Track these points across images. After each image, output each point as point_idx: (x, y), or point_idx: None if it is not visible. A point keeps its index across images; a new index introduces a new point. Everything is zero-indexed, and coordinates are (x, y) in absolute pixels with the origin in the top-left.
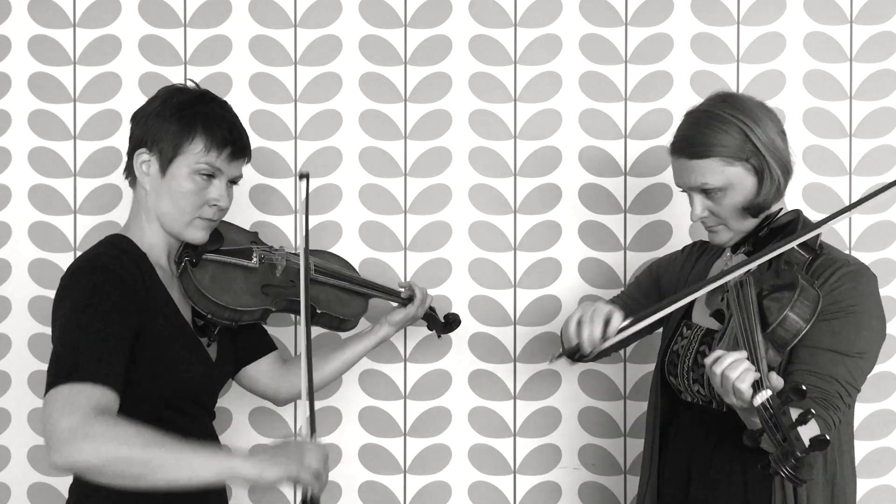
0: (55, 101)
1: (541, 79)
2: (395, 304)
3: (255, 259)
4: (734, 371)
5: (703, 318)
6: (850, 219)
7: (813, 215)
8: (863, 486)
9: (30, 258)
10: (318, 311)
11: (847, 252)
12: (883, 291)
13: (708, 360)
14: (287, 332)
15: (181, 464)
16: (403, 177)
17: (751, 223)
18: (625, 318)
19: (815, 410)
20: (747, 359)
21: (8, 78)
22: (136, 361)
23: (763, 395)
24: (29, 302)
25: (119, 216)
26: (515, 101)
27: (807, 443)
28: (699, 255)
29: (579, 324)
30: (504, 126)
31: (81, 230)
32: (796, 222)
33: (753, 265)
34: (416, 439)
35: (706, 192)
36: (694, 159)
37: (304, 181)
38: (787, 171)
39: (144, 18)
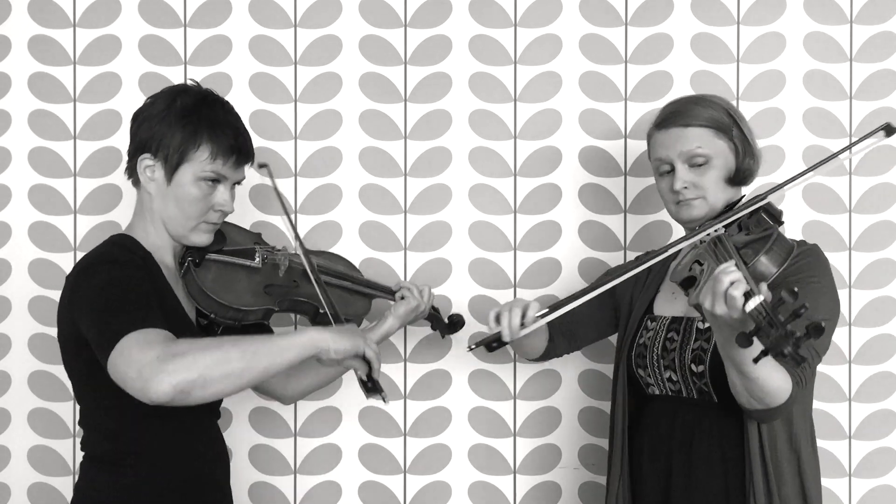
0: (55, 101)
1: (541, 79)
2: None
3: (257, 259)
4: (727, 277)
5: (666, 308)
6: (850, 219)
7: (813, 215)
8: (863, 486)
9: (30, 258)
10: (321, 311)
11: (847, 252)
12: (883, 291)
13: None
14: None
15: (269, 347)
16: (403, 177)
17: (726, 196)
18: (541, 309)
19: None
20: None
21: (8, 78)
22: None
23: (755, 301)
24: (29, 302)
25: (119, 216)
26: (515, 101)
27: (803, 330)
28: None
29: (498, 316)
30: (504, 126)
31: (81, 230)
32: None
33: (725, 222)
34: (416, 439)
35: (692, 162)
36: (686, 127)
37: (266, 170)
38: (759, 159)
39: (144, 18)
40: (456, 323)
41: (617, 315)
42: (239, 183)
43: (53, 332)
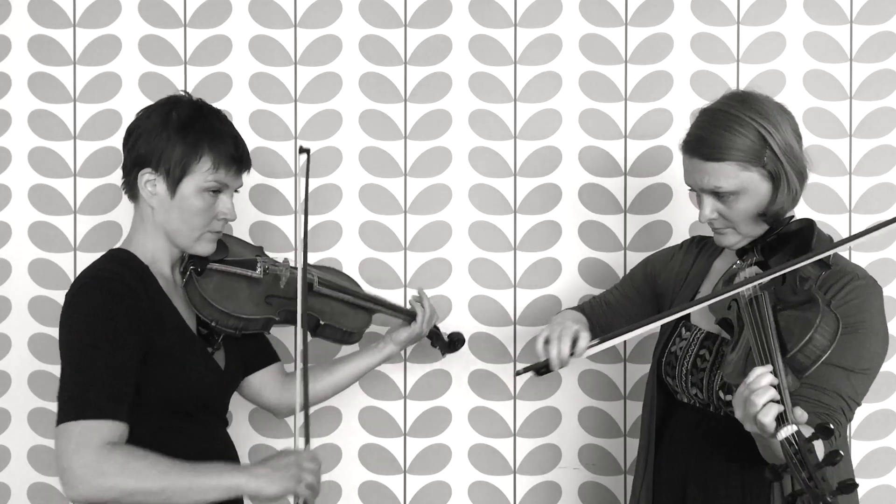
0: (55, 101)
1: (541, 79)
2: (398, 320)
3: (259, 269)
4: (760, 399)
5: (703, 321)
6: (850, 219)
7: (813, 215)
8: (863, 486)
9: (30, 258)
10: (322, 323)
11: (847, 252)
12: (883, 291)
13: (740, 388)
14: (284, 345)
15: (192, 487)
16: (403, 177)
17: (761, 228)
18: (592, 338)
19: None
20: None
21: (8, 78)
22: (145, 373)
23: (788, 431)
24: (29, 302)
25: (119, 216)
26: (515, 101)
27: (834, 485)
28: (698, 252)
29: (547, 342)
30: (504, 126)
31: (81, 230)
32: (809, 232)
33: (766, 279)
34: (416, 439)
35: (718, 195)
36: (708, 161)
37: (305, 156)
38: (802, 178)
39: (144, 18)
40: (456, 341)
41: (659, 310)
42: (237, 191)
43: (53, 332)
